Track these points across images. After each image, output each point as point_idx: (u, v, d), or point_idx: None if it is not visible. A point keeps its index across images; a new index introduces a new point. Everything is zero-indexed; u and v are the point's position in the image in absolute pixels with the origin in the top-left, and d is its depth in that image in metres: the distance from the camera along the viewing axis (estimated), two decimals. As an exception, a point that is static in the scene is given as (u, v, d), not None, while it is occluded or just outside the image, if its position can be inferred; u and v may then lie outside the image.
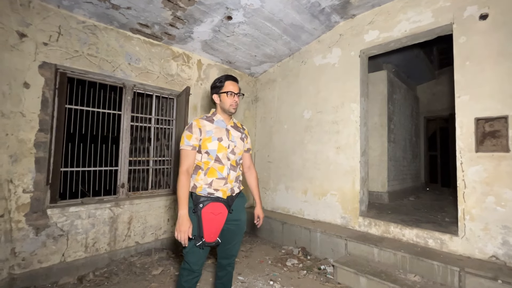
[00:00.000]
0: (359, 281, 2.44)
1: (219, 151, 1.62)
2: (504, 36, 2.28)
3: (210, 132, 1.63)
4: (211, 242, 1.54)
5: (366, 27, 3.21)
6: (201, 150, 1.61)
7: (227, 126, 1.72)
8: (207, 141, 1.60)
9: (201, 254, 1.59)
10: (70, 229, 2.62)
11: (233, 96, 1.66)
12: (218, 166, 1.62)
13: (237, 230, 1.71)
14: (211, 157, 1.61)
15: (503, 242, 2.21)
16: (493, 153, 2.30)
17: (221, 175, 1.62)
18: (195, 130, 1.60)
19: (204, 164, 1.62)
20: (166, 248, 3.27)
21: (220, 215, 1.58)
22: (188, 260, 1.58)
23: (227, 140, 1.67)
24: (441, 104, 6.57)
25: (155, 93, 3.39)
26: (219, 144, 1.63)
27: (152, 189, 3.42)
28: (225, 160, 1.64)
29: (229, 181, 1.65)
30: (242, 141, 1.78)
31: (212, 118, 1.71)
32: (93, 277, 2.56)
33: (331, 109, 3.54)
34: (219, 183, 1.62)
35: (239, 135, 1.76)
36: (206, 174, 1.61)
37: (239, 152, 1.73)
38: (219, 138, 1.64)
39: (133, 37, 3.10)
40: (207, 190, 1.59)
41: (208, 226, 1.53)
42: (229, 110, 1.67)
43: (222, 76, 1.71)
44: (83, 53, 2.73)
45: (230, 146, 1.67)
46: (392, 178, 4.56)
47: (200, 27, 3.13)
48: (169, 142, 3.61)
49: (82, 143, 2.89)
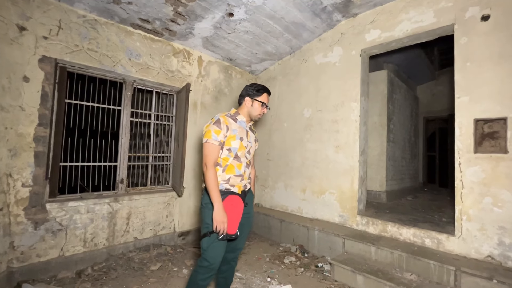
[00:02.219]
0: (356, 279, 2.46)
1: (240, 149, 1.70)
2: (505, 37, 2.29)
3: (235, 131, 1.70)
4: (232, 234, 1.59)
5: (367, 26, 3.20)
6: (223, 147, 1.67)
7: (247, 128, 1.82)
8: (231, 139, 1.67)
9: (221, 248, 1.61)
10: (69, 223, 2.62)
11: (264, 108, 1.82)
12: (236, 164, 1.70)
13: (246, 224, 1.78)
14: (231, 154, 1.68)
15: (499, 242, 2.23)
16: (492, 154, 2.31)
17: (238, 172, 1.70)
18: (223, 127, 1.65)
19: (223, 161, 1.68)
20: (164, 244, 3.28)
21: (238, 206, 1.65)
22: (208, 256, 1.59)
23: (246, 141, 1.76)
24: (440, 104, 6.59)
25: (155, 89, 3.39)
26: (241, 143, 1.71)
27: (151, 185, 3.43)
28: (243, 159, 1.73)
29: (245, 178, 1.75)
30: (256, 142, 1.91)
31: (235, 118, 1.77)
32: (91, 271, 2.57)
33: (331, 108, 3.54)
34: (236, 179, 1.70)
35: (254, 137, 1.87)
36: (224, 171, 1.68)
37: (252, 153, 1.85)
38: (241, 137, 1.72)
39: (134, 33, 3.09)
40: (224, 186, 1.66)
41: (229, 217, 1.58)
42: (255, 117, 1.81)
43: (261, 85, 1.82)
44: (83, 47, 2.72)
45: (248, 147, 1.77)
46: (391, 178, 4.58)
47: (201, 24, 3.12)
48: (168, 138, 3.61)
49: (81, 138, 2.89)
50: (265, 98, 1.81)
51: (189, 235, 3.60)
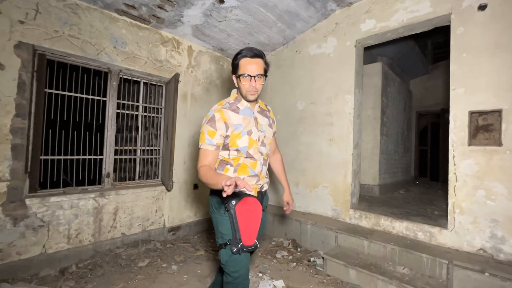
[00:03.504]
0: (349, 273, 2.43)
1: (250, 146, 1.37)
2: (502, 27, 2.24)
3: (239, 127, 1.34)
4: (250, 246, 1.29)
5: (362, 16, 3.12)
6: (229, 148, 1.36)
7: (255, 113, 1.43)
8: (236, 138, 1.33)
9: (243, 261, 1.34)
10: (52, 219, 2.50)
11: (250, 79, 1.30)
12: (250, 162, 1.39)
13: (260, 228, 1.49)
14: (242, 154, 1.37)
15: (491, 235, 2.22)
16: (486, 147, 2.29)
17: (253, 172, 1.40)
18: (220, 126, 1.31)
19: (233, 160, 1.38)
20: (154, 240, 3.19)
21: (256, 211, 1.31)
22: (230, 271, 1.33)
23: (257, 132, 1.40)
24: (433, 99, 6.60)
25: (143, 79, 3.24)
26: (249, 138, 1.37)
27: (139, 179, 3.31)
28: (258, 156, 1.41)
29: (261, 178, 1.45)
30: (271, 127, 1.51)
31: (236, 106, 1.39)
32: (76, 269, 2.47)
33: (325, 100, 3.47)
34: (251, 181, 1.40)
35: (267, 121, 1.48)
36: (236, 171, 1.38)
37: (269, 143, 1.48)
38: (248, 131, 1.37)
39: (119, 19, 2.93)
40: None
41: (245, 225, 1.27)
42: (246, 97, 1.35)
43: (241, 50, 1.33)
44: (64, 33, 2.56)
45: (260, 138, 1.41)
46: (384, 172, 4.57)
47: (191, 11, 2.97)
48: (157, 131, 3.49)
49: (64, 131, 2.74)
50: (246, 66, 1.29)
51: (180, 230, 3.51)
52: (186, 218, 3.62)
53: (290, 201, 1.72)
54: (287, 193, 1.73)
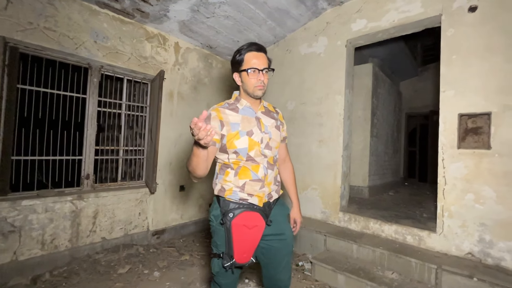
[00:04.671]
0: (337, 278, 2.37)
1: (250, 148, 1.25)
2: (492, 29, 2.22)
3: (236, 126, 1.24)
4: (244, 263, 1.23)
5: (353, 15, 3.06)
6: (227, 150, 1.25)
7: (257, 114, 1.32)
8: (234, 138, 1.23)
9: (233, 275, 1.30)
10: (24, 224, 2.34)
11: (257, 73, 1.23)
12: (252, 165, 1.27)
13: (282, 247, 1.32)
14: (241, 157, 1.25)
15: (479, 239, 2.20)
16: (475, 150, 2.26)
17: (256, 176, 1.26)
18: (214, 123, 1.22)
19: (234, 164, 1.27)
20: (136, 244, 3.05)
21: (255, 228, 1.22)
22: (220, 282, 1.31)
23: (260, 132, 1.28)
24: (422, 101, 6.66)
25: (126, 76, 3.10)
26: (250, 139, 1.25)
27: (122, 180, 3.17)
28: (260, 158, 1.28)
29: (267, 183, 1.29)
30: (278, 129, 1.38)
31: (236, 106, 1.30)
32: (49, 277, 2.32)
33: (315, 101, 3.40)
34: (254, 186, 1.26)
35: (273, 122, 1.36)
36: (237, 175, 1.26)
37: (275, 146, 1.34)
38: (248, 132, 1.25)
39: (100, 12, 2.78)
40: (238, 195, 1.24)
41: (239, 243, 1.20)
42: (253, 93, 1.26)
43: (243, 46, 1.26)
44: (39, 25, 2.39)
45: (264, 140, 1.29)
46: (373, 173, 4.55)
47: (177, 5, 2.85)
48: (142, 130, 3.34)
49: (39, 129, 2.58)
50: (252, 60, 1.22)
51: (164, 233, 3.38)
52: (172, 221, 3.49)
53: (298, 219, 1.53)
54: (295, 210, 1.54)
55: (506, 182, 2.11)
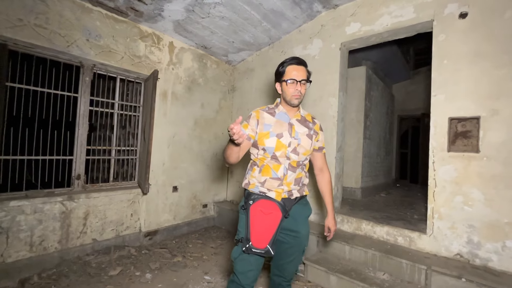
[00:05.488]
0: (330, 279, 2.38)
1: (277, 149, 1.39)
2: (482, 36, 2.27)
3: (269, 127, 1.41)
4: (260, 248, 1.32)
5: (348, 19, 3.10)
6: (257, 146, 1.43)
7: (291, 120, 1.46)
8: (264, 137, 1.40)
9: (251, 264, 1.38)
10: (11, 225, 2.28)
11: (295, 84, 1.38)
12: (273, 164, 1.42)
13: (295, 244, 1.45)
14: (267, 155, 1.41)
15: (468, 240, 2.25)
16: (464, 153, 2.32)
17: (275, 175, 1.41)
18: (253, 122, 1.43)
19: (260, 161, 1.45)
20: (128, 245, 3.01)
21: (271, 215, 1.35)
22: (237, 269, 1.39)
23: (289, 137, 1.41)
24: (414, 103, 6.78)
25: (119, 75, 3.06)
26: (278, 141, 1.40)
27: (114, 181, 3.12)
28: (283, 159, 1.41)
29: (286, 183, 1.42)
30: (310, 138, 1.48)
31: (274, 110, 1.48)
32: (38, 279, 2.27)
33: (309, 103, 3.42)
34: (273, 183, 1.41)
35: (305, 131, 1.48)
36: (260, 172, 1.44)
37: (303, 152, 1.45)
38: (278, 134, 1.40)
39: (93, 10, 2.73)
40: (259, 188, 1.42)
41: (256, 226, 1.33)
42: (290, 101, 1.41)
43: (286, 59, 1.43)
44: (29, 22, 2.34)
45: (292, 144, 1.41)
46: (366, 175, 4.61)
47: (172, 5, 2.83)
48: (135, 130, 3.31)
49: (28, 128, 2.52)
50: (292, 72, 1.38)
51: (157, 234, 3.35)
52: (164, 222, 3.46)
53: (332, 227, 1.62)
54: (330, 218, 1.64)
55: (493, 185, 2.16)
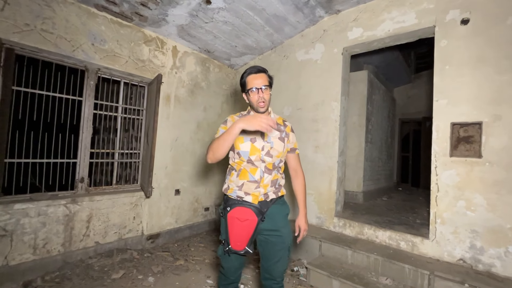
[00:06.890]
0: (332, 284, 2.38)
1: (252, 153, 1.44)
2: (483, 42, 2.29)
3: (242, 132, 1.39)
4: (239, 250, 1.42)
5: (350, 24, 3.12)
6: (234, 149, 1.49)
7: None
8: (239, 141, 1.45)
9: (233, 261, 1.50)
10: (15, 228, 2.30)
11: (257, 92, 1.41)
12: (250, 168, 1.46)
13: (279, 243, 1.47)
14: (243, 159, 1.46)
15: (471, 245, 2.25)
16: (466, 158, 2.32)
17: (252, 178, 1.45)
18: (229, 125, 1.49)
19: (237, 165, 1.49)
20: (130, 248, 3.02)
21: (247, 222, 1.41)
22: (222, 264, 1.54)
23: (262, 141, 1.46)
24: (415, 107, 6.79)
25: (123, 79, 3.08)
26: (252, 145, 1.44)
27: (117, 184, 3.14)
28: (259, 162, 1.45)
29: (263, 185, 1.46)
30: (282, 141, 1.52)
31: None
32: (41, 282, 2.28)
33: (311, 107, 3.44)
34: (250, 186, 1.45)
35: (277, 134, 1.52)
36: (238, 176, 1.48)
37: (277, 155, 1.49)
38: (252, 138, 1.45)
39: (98, 15, 2.77)
40: (236, 193, 1.46)
41: (234, 232, 1.41)
42: (257, 109, 1.45)
43: (246, 69, 1.48)
44: (36, 27, 2.38)
45: (265, 148, 1.46)
46: (368, 178, 4.61)
47: (176, 10, 2.86)
48: (138, 133, 3.33)
49: (33, 132, 2.54)
50: (252, 82, 1.42)
51: (159, 238, 3.36)
52: (166, 225, 3.47)
53: (302, 226, 1.64)
54: (301, 217, 1.65)
55: (496, 190, 2.17)
